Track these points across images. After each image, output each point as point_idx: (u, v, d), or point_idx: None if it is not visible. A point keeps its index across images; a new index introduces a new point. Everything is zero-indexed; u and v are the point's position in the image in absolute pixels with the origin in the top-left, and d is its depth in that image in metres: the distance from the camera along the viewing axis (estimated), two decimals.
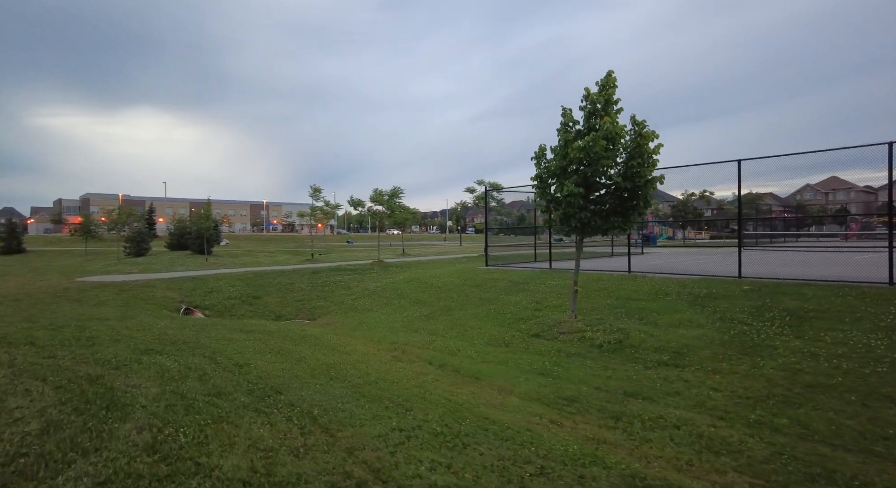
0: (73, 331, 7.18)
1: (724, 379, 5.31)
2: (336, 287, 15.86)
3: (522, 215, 45.03)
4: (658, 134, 7.75)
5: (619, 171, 7.68)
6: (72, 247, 45.13)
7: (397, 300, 13.05)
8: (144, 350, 6.07)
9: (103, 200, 76.28)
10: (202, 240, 31.92)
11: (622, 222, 7.96)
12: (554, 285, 11.64)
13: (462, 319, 9.99)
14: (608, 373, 5.92)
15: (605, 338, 7.17)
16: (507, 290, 11.92)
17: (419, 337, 9.01)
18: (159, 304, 12.84)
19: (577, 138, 8.09)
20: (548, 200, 8.43)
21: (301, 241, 62.61)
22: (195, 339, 7.27)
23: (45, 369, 4.77)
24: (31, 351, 5.62)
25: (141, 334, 7.31)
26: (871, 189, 77.37)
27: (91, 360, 5.27)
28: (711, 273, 11.46)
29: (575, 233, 8.41)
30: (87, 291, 13.08)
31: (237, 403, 4.14)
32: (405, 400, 4.72)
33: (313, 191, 23.53)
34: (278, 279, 16.71)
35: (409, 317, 10.90)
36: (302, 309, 13.67)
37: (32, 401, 3.79)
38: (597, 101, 7.81)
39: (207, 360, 5.82)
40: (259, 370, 5.52)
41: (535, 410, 4.82)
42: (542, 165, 8.49)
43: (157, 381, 4.62)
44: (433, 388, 5.45)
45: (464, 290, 12.77)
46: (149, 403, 3.91)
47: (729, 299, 8.42)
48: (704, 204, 43.23)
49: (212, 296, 14.18)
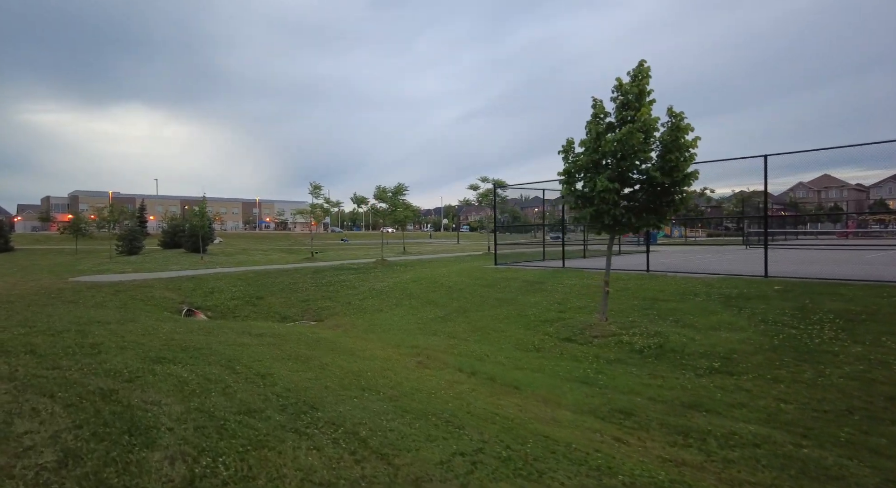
0: (74, 336, 6.67)
1: (789, 390, 4.95)
2: (341, 286, 15.38)
3: (516, 213, 44.65)
4: (693, 126, 7.39)
5: (654, 165, 7.30)
6: (61, 245, 44.08)
7: (407, 300, 12.62)
8: (155, 358, 5.59)
9: (93, 198, 74.84)
10: (196, 238, 31.20)
11: (657, 219, 7.59)
12: (572, 285, 11.28)
13: (481, 321, 9.59)
14: (658, 382, 5.55)
15: (645, 343, 6.80)
16: (523, 290, 11.53)
17: (439, 340, 8.60)
18: (159, 305, 12.29)
19: (609, 131, 7.71)
20: (577, 196, 8.04)
21: (295, 240, 61.90)
22: (206, 345, 6.79)
23: (50, 383, 4.29)
24: (32, 360, 5.12)
25: (147, 339, 6.82)
26: (862, 187, 78.13)
27: (100, 371, 4.79)
28: (733, 272, 11.16)
29: (606, 231, 8.03)
30: (82, 292, 12.50)
31: (273, 423, 3.69)
32: (452, 416, 4.30)
33: (313, 188, 22.96)
34: (281, 278, 16.19)
35: (423, 319, 10.48)
36: (308, 309, 13.19)
37: (43, 424, 3.32)
38: (629, 92, 7.41)
39: (226, 370, 5.36)
40: (284, 380, 5.07)
41: (591, 425, 4.42)
42: (570, 159, 8.09)
43: (177, 397, 4.16)
44: (474, 400, 5.04)
45: (476, 290, 12.37)
46: (175, 425, 3.46)
47: (764, 300, 8.10)
48: (704, 201, 43.34)
49: (213, 296, 13.64)
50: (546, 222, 19.58)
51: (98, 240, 44.29)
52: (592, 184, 7.69)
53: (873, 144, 9.70)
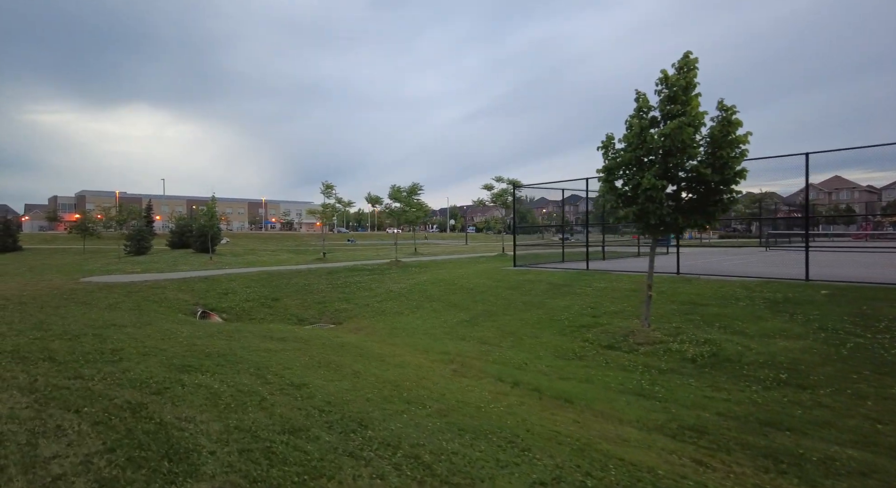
0: (91, 341, 6.32)
1: (879, 408, 4.52)
2: (357, 288, 15.02)
3: (522, 213, 44.16)
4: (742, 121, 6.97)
5: (703, 162, 6.88)
6: (68, 245, 43.99)
7: (428, 303, 12.23)
8: (181, 366, 5.23)
9: (99, 198, 74.93)
10: (205, 238, 30.93)
11: (704, 219, 7.17)
12: (601, 288, 10.86)
13: (510, 326, 9.19)
14: (723, 395, 5.13)
15: (696, 351, 6.39)
16: (549, 293, 11.12)
17: (469, 346, 8.20)
18: (172, 307, 11.96)
19: (653, 126, 7.31)
20: (618, 195, 7.63)
21: (301, 240, 61.68)
22: (230, 351, 6.43)
23: (74, 395, 3.93)
24: (52, 368, 4.77)
25: (168, 345, 6.46)
26: (873, 189, 77.23)
27: (125, 382, 4.43)
28: (768, 275, 10.72)
29: (649, 232, 7.62)
30: (94, 293, 12.19)
31: (323, 445, 3.31)
32: (513, 435, 3.90)
33: (325, 187, 22.59)
34: (295, 279, 15.84)
35: (448, 323, 10.08)
36: (325, 312, 12.82)
37: (71, 447, 2.95)
38: (675, 85, 7.00)
39: (257, 379, 4.99)
40: (321, 392, 4.69)
41: (664, 445, 4.02)
42: (610, 156, 7.69)
43: (212, 412, 3.79)
44: (527, 415, 4.65)
45: (500, 293, 11.97)
46: (217, 448, 3.08)
47: (814, 305, 7.66)
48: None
49: (227, 298, 13.30)
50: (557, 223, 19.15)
51: (105, 240, 44.16)
52: (635, 181, 7.30)
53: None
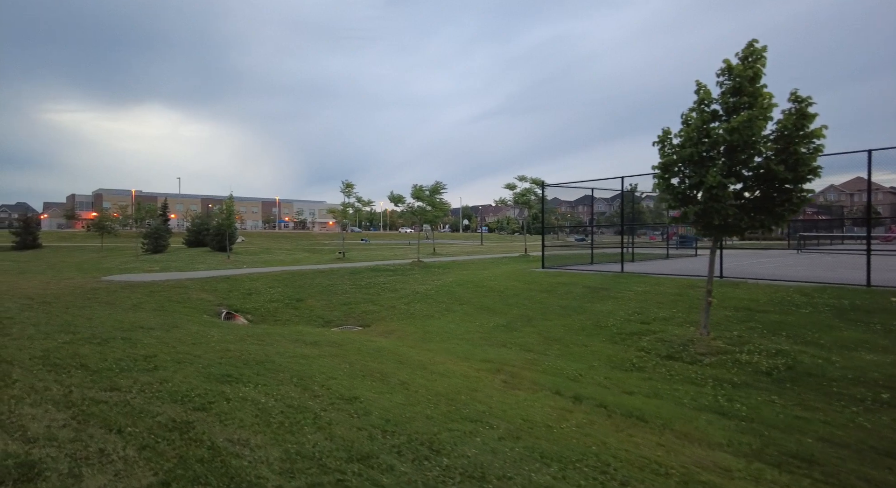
0: (122, 346, 5.98)
1: None
2: (381, 289, 14.63)
3: (536, 214, 43.33)
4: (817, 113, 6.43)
5: (774, 158, 6.34)
6: (86, 242, 44.30)
7: (458, 306, 11.79)
8: (220, 376, 4.85)
9: (116, 196, 75.68)
10: (222, 236, 30.85)
11: (772, 220, 6.63)
12: (643, 292, 10.33)
13: (552, 332, 8.71)
14: (819, 416, 4.62)
15: (769, 363, 5.86)
16: (587, 297, 10.62)
17: (512, 353, 7.75)
18: (196, 308, 11.67)
19: (715, 119, 6.80)
20: (675, 193, 7.13)
21: (315, 239, 61.63)
22: (266, 357, 6.05)
23: (113, 411, 3.55)
24: (85, 378, 4.41)
25: (201, 350, 6.10)
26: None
27: (164, 394, 4.05)
28: (822, 279, 10.10)
29: (710, 233, 7.10)
30: (117, 293, 11.95)
31: (399, 476, 2.89)
32: (601, 463, 3.45)
33: (345, 186, 22.28)
34: (318, 280, 15.50)
35: (483, 327, 9.63)
36: (350, 313, 12.45)
37: (119, 478, 2.55)
38: (741, 75, 6.48)
39: (304, 391, 4.59)
40: (375, 407, 4.27)
41: (773, 478, 3.53)
42: (667, 151, 7.19)
43: (266, 433, 3.39)
44: (604, 437, 4.18)
45: (533, 296, 11.49)
46: (283, 482, 2.66)
47: (889, 314, 7.09)
48: None
49: (251, 298, 12.99)
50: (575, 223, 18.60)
51: (122, 238, 44.41)
52: (696, 179, 6.79)
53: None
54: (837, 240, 31.66)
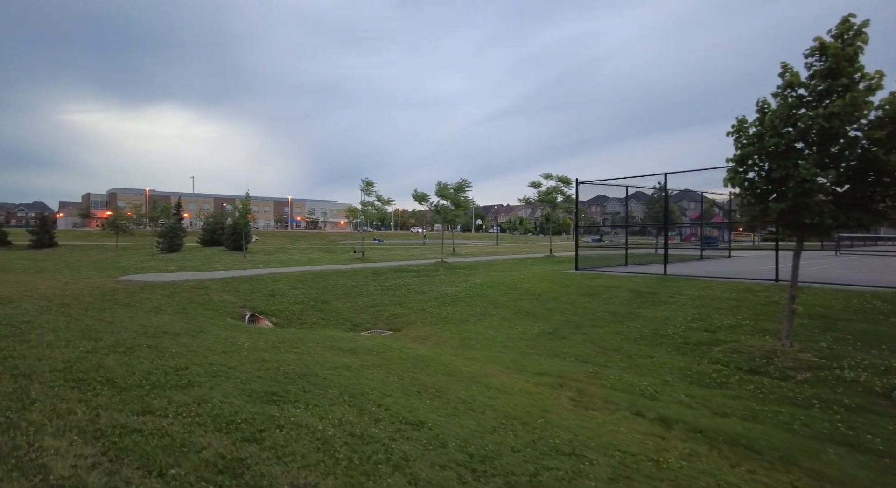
0: (149, 355, 5.42)
1: None
2: (407, 291, 14.02)
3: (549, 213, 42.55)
4: None
5: (878, 146, 5.60)
6: (101, 241, 44.31)
7: (494, 310, 11.14)
8: (263, 395, 4.25)
9: (130, 195, 76.07)
10: (238, 236, 30.49)
11: (872, 218, 5.89)
12: (696, 297, 9.58)
13: (607, 340, 8.02)
14: None
15: (883, 383, 5.13)
16: (635, 302, 9.90)
17: (569, 365, 7.08)
18: (218, 310, 11.15)
19: (802, 105, 6.07)
20: (752, 189, 6.41)
21: (328, 239, 61.32)
22: (306, 369, 5.46)
23: (150, 443, 2.94)
24: (113, 397, 3.83)
25: (235, 361, 5.51)
26: None
27: (206, 420, 3.45)
28: (888, 284, 9.29)
29: (802, 233, 6.36)
30: (136, 293, 11.46)
31: None
32: None
33: (365, 184, 21.74)
34: (341, 281, 14.93)
35: (527, 334, 8.97)
36: (378, 316, 11.85)
37: None
38: (838, 55, 5.74)
39: (362, 415, 3.96)
40: (450, 436, 3.63)
41: None
42: (743, 142, 6.47)
43: (338, 475, 2.76)
44: (723, 475, 3.51)
45: (574, 300, 10.80)
46: None
47: None
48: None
49: (275, 300, 12.45)
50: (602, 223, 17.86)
51: (137, 237, 44.38)
52: (781, 172, 6.06)
53: None
54: (871, 242, 30.38)
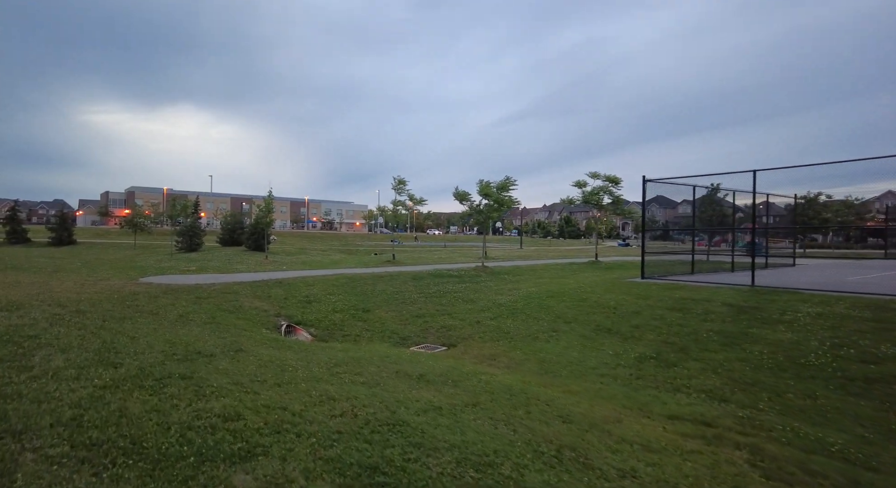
0: (184, 393, 4.03)
1: None
2: (454, 299, 12.62)
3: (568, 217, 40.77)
4: None
5: None
6: (120, 239, 43.73)
7: (565, 325, 9.68)
8: (361, 471, 2.87)
9: (148, 194, 76.04)
10: (258, 236, 29.43)
11: None
12: (816, 314, 8.03)
13: (733, 370, 6.53)
14: None
15: None
16: (741, 321, 8.36)
17: (702, 405, 5.61)
18: (251, 319, 9.86)
19: None
20: None
21: (345, 240, 60.35)
22: (387, 411, 4.08)
23: None
24: (142, 476, 2.51)
25: (298, 403, 4.11)
26: None
27: None
28: None
29: None
30: (158, 298, 10.23)
31: None
32: None
33: (397, 183, 20.47)
34: (379, 286, 13.59)
35: (623, 359, 7.50)
36: (428, 329, 10.47)
37: None
38: None
39: None
40: None
41: None
42: None
43: None
44: None
45: (661, 315, 9.29)
46: None
47: None
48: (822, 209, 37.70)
49: (311, 307, 11.14)
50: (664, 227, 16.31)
51: (155, 236, 43.75)
52: None
53: None
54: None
